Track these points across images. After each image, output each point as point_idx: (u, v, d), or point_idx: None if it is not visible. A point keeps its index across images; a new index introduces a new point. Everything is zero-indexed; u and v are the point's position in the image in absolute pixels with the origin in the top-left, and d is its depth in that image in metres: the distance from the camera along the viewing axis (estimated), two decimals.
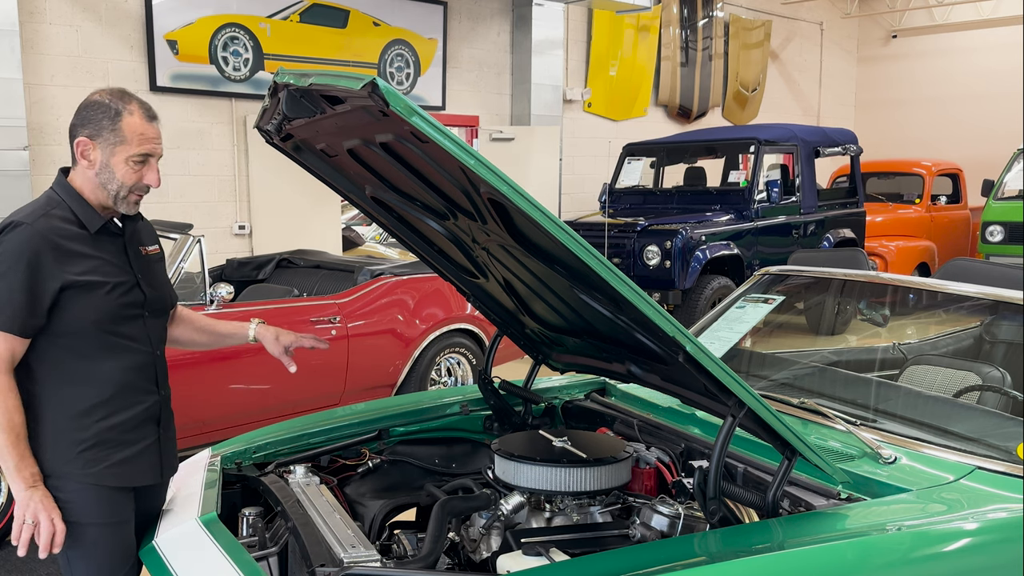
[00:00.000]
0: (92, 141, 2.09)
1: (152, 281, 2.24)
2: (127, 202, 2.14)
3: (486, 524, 2.14)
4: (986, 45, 13.76)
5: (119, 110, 2.08)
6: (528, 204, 1.65)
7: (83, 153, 2.10)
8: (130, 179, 2.11)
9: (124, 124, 2.08)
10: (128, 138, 2.08)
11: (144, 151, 2.10)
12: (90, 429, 2.08)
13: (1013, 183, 9.92)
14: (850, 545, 1.79)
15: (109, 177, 2.10)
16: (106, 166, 2.10)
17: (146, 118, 2.11)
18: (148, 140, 2.11)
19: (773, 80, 13.69)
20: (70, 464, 2.06)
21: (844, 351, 3.68)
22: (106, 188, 2.11)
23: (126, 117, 2.08)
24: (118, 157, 2.09)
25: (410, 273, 5.66)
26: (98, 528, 2.09)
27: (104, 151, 2.09)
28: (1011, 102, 13.00)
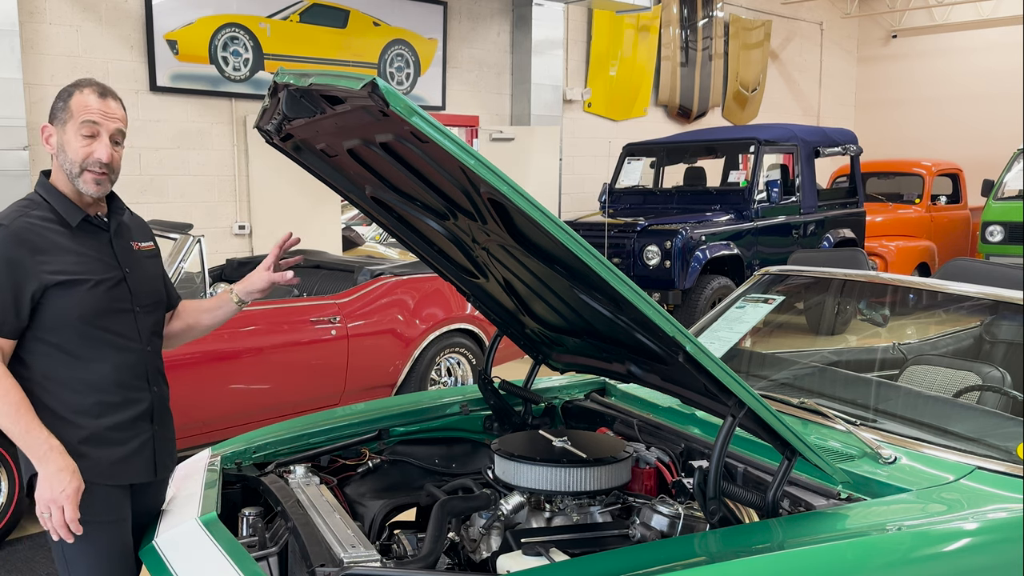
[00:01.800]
0: (51, 125, 2.15)
1: (142, 276, 2.24)
2: (84, 181, 2.14)
3: (486, 524, 2.14)
4: (986, 45, 13.76)
5: (71, 91, 2.14)
6: (528, 204, 1.65)
7: (47, 139, 2.15)
8: (79, 155, 2.12)
9: (73, 101, 2.13)
10: (75, 112, 2.12)
11: (88, 119, 2.12)
12: (83, 428, 2.08)
13: (1013, 183, 9.92)
14: (850, 545, 1.79)
15: (64, 158, 2.13)
16: (62, 148, 2.13)
17: (97, 94, 2.14)
18: (93, 111, 2.12)
19: (773, 80, 13.69)
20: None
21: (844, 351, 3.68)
22: (67, 172, 2.14)
23: (76, 95, 2.13)
24: (68, 134, 2.12)
25: (410, 273, 5.66)
26: (95, 526, 2.08)
27: (58, 132, 2.14)
28: (1011, 102, 13.00)
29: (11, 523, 4.09)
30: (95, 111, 2.13)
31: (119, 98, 2.21)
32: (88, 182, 2.14)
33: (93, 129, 2.12)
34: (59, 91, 2.18)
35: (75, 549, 2.08)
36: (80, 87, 2.15)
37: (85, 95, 2.14)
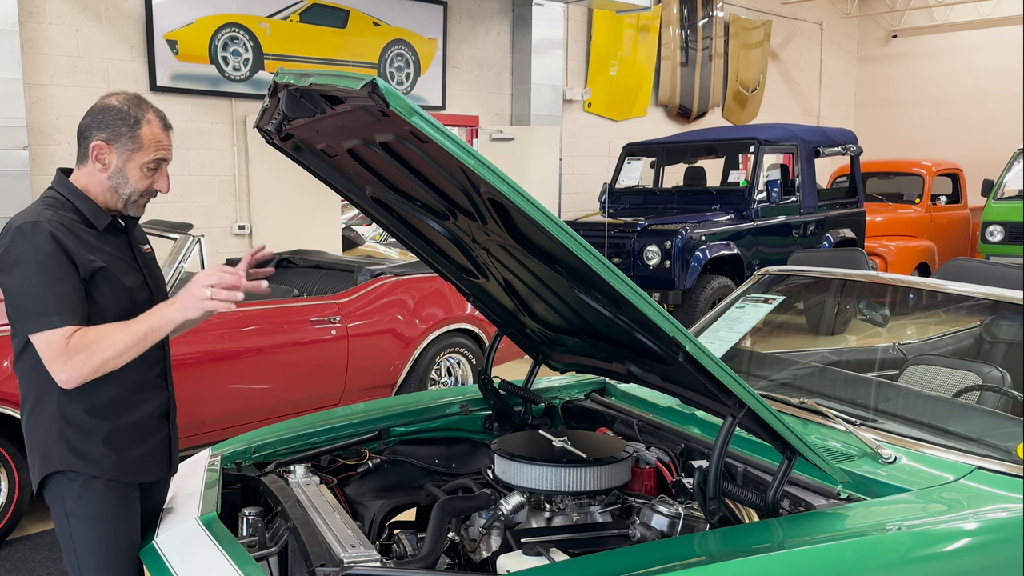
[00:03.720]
0: (109, 146, 2.11)
1: (155, 278, 2.28)
2: (136, 206, 2.19)
3: (486, 524, 2.14)
4: (986, 45, 13.76)
5: (138, 118, 2.12)
6: (528, 204, 1.65)
7: (98, 156, 2.12)
8: (142, 184, 2.15)
9: (143, 132, 2.12)
10: (145, 145, 2.12)
11: (159, 157, 2.15)
12: (106, 424, 2.10)
13: (1013, 183, 9.92)
14: (850, 545, 1.79)
15: (122, 181, 2.13)
16: (120, 171, 2.13)
17: (163, 127, 2.17)
18: (163, 147, 2.16)
19: (773, 80, 13.69)
20: (84, 459, 2.07)
21: (844, 351, 3.68)
22: (117, 192, 2.14)
23: (144, 125, 2.12)
24: (134, 163, 2.12)
25: (410, 273, 5.66)
26: (109, 523, 2.10)
27: (120, 156, 2.12)
28: (1011, 102, 13.01)
29: (11, 523, 4.09)
30: (165, 146, 2.17)
31: None
32: (140, 207, 2.20)
33: (160, 163, 2.17)
34: (113, 107, 2.12)
35: (87, 546, 2.09)
36: (145, 114, 2.14)
37: (154, 127, 2.15)
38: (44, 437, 2.09)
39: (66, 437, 2.07)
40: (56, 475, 2.10)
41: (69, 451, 2.07)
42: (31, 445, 2.14)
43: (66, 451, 2.07)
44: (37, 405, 2.10)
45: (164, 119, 2.19)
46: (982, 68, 13.77)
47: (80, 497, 2.08)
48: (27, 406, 2.13)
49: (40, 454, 2.11)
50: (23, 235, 2.00)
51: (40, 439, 2.11)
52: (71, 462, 2.08)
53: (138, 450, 2.15)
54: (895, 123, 14.72)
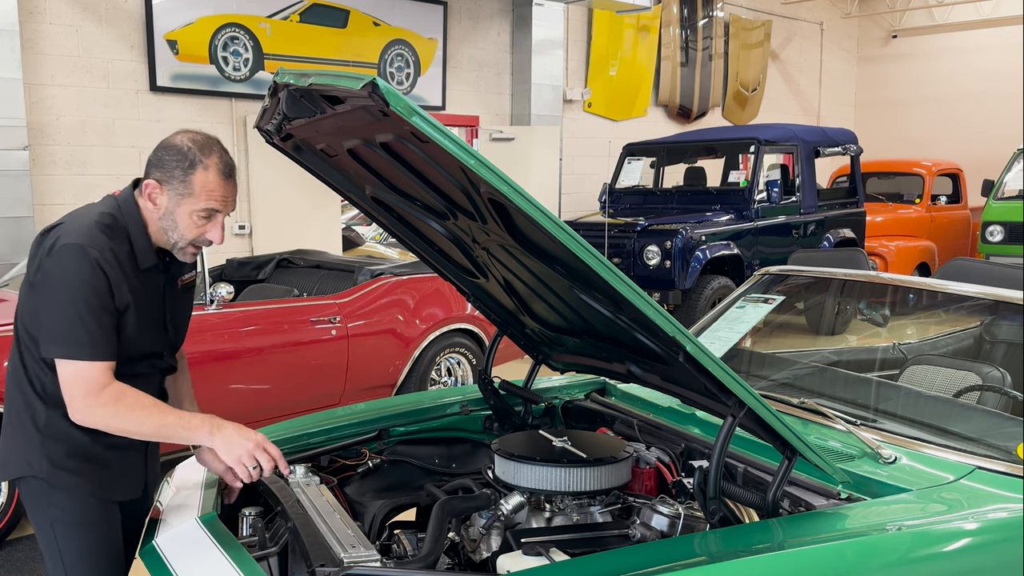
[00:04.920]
0: (161, 186, 2.02)
1: (177, 319, 2.22)
2: (184, 253, 2.10)
3: (486, 524, 2.14)
4: (986, 45, 13.77)
5: (194, 161, 2.00)
6: (528, 204, 1.65)
7: (150, 195, 2.04)
8: (191, 233, 2.05)
9: (196, 178, 2.01)
10: (196, 192, 2.01)
11: (210, 207, 2.04)
12: (83, 443, 2.05)
13: (1013, 183, 9.92)
14: (850, 545, 1.79)
15: (171, 225, 2.05)
16: (170, 214, 2.04)
17: (222, 175, 2.03)
18: (217, 197, 2.03)
19: (773, 80, 13.69)
20: (61, 472, 2.05)
21: (844, 351, 3.68)
22: (167, 234, 2.06)
23: (199, 171, 2.01)
24: (183, 209, 2.02)
25: (410, 273, 5.66)
26: (93, 531, 2.09)
27: (171, 199, 2.03)
28: (1011, 102, 13.01)
29: (11, 523, 4.09)
30: (218, 198, 2.03)
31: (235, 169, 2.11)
32: (188, 254, 2.11)
33: (212, 214, 2.05)
34: (174, 146, 2.01)
35: (72, 552, 2.07)
36: (205, 159, 2.01)
37: (211, 175, 2.01)
38: (24, 441, 2.05)
39: (43, 443, 2.04)
40: (35, 479, 2.06)
41: (46, 458, 2.04)
42: (7, 439, 2.09)
43: (42, 458, 2.04)
44: (26, 411, 2.06)
45: (227, 166, 2.04)
46: (982, 68, 13.78)
47: (60, 505, 2.05)
48: (14, 401, 2.09)
49: (21, 455, 2.06)
50: (71, 256, 1.92)
51: (20, 441, 2.06)
52: (44, 468, 2.04)
53: (108, 472, 2.10)
54: (895, 123, 14.73)
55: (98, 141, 7.33)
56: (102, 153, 7.35)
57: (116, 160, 7.40)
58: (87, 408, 1.94)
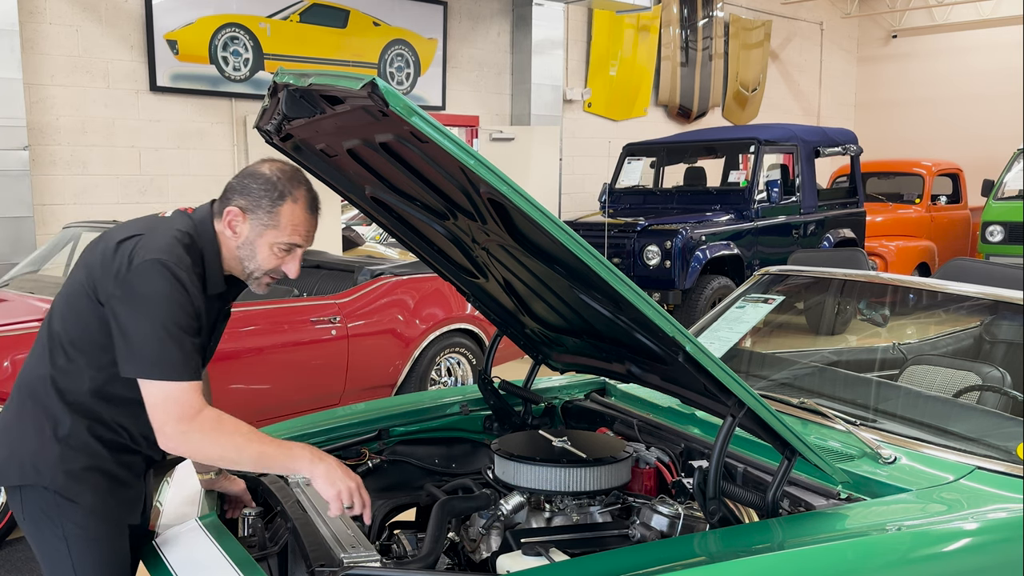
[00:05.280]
0: (244, 214, 1.97)
1: (214, 344, 2.17)
2: (259, 283, 2.05)
3: (486, 524, 2.14)
4: (986, 45, 13.77)
5: (284, 193, 1.96)
6: (528, 204, 1.65)
7: (231, 223, 1.98)
8: (269, 264, 2.01)
9: (283, 210, 1.96)
10: (282, 225, 1.97)
11: (294, 242, 1.99)
12: (104, 459, 1.98)
13: (1013, 183, 9.92)
14: (850, 545, 1.79)
15: (249, 255, 2.00)
16: (250, 243, 1.99)
17: (309, 209, 1.99)
18: (302, 232, 1.99)
19: (773, 80, 13.69)
20: (78, 486, 1.96)
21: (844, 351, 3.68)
22: (243, 263, 2.01)
23: (288, 204, 1.96)
24: (265, 240, 1.98)
25: (410, 273, 5.66)
26: (105, 544, 2.01)
27: (253, 229, 1.98)
28: (1011, 102, 13.01)
29: (11, 523, 4.09)
30: (303, 233, 1.99)
31: None
32: (261, 285, 2.06)
33: (293, 248, 2.01)
34: (262, 175, 1.97)
35: (86, 565, 1.99)
36: (294, 191, 1.97)
37: (299, 209, 1.97)
38: (35, 448, 1.95)
39: (67, 461, 1.94)
40: (43, 490, 1.95)
41: (66, 477, 1.94)
42: (6, 443, 1.99)
43: (60, 475, 1.94)
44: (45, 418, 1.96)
45: (314, 201, 2.00)
46: (982, 68, 13.78)
47: (79, 519, 1.96)
48: (24, 406, 2.00)
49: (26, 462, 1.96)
50: (159, 273, 1.85)
51: (28, 447, 1.96)
52: (65, 486, 1.94)
53: (130, 490, 2.05)
54: (895, 123, 14.73)
55: (98, 141, 7.33)
56: (102, 153, 7.35)
57: (116, 160, 7.40)
58: (181, 433, 1.85)
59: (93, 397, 1.96)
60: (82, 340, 1.95)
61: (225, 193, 2.02)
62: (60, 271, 5.13)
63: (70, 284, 2.01)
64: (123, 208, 7.30)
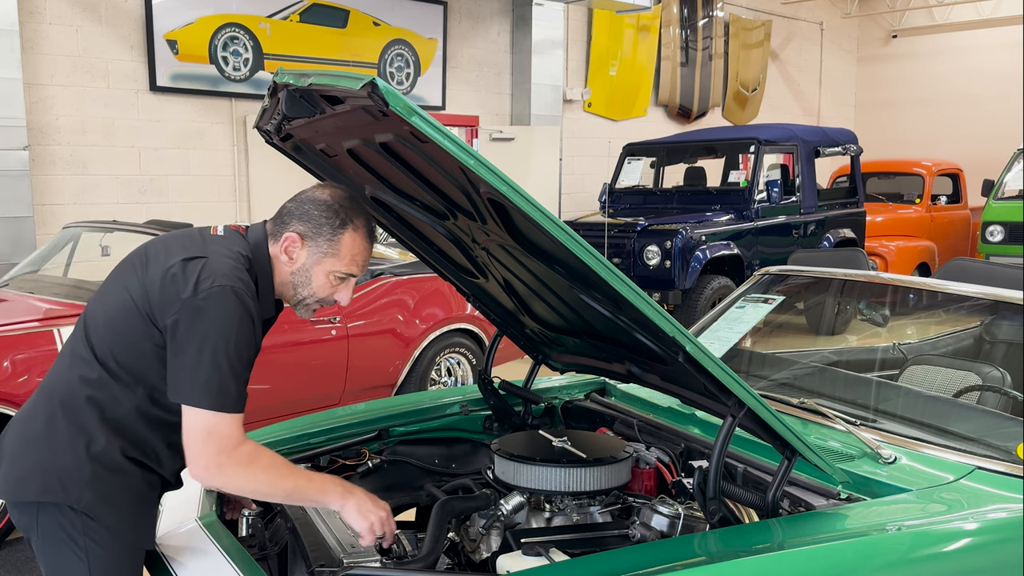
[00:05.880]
0: (303, 241, 1.94)
1: None
2: (308, 310, 2.02)
3: (486, 524, 2.14)
4: (986, 45, 13.77)
5: (345, 221, 1.93)
6: (528, 204, 1.65)
7: (287, 249, 1.95)
8: (324, 292, 1.98)
9: (344, 239, 1.93)
10: (341, 253, 1.94)
11: (351, 272, 1.97)
12: (135, 480, 1.92)
13: (1013, 183, 9.92)
14: (850, 545, 1.79)
15: (304, 281, 1.96)
16: (306, 270, 1.96)
17: (368, 238, 1.97)
18: (359, 262, 1.97)
19: (773, 80, 13.69)
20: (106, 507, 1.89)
21: (844, 351, 3.68)
22: (296, 289, 1.98)
23: (349, 231, 1.93)
24: (322, 267, 1.95)
25: (410, 273, 5.66)
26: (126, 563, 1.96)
27: (311, 256, 1.95)
28: (1011, 102, 13.01)
29: (11, 523, 4.09)
30: (360, 263, 1.97)
31: None
32: (310, 312, 2.03)
33: (349, 277, 1.99)
34: (323, 202, 1.93)
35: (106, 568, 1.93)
36: (356, 221, 1.94)
37: (360, 238, 1.95)
38: (65, 464, 1.86)
39: (98, 480, 1.87)
40: (66, 508, 1.87)
41: (95, 496, 1.86)
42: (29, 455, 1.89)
43: (89, 493, 1.85)
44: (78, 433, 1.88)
45: (372, 231, 1.98)
46: (982, 68, 13.78)
47: (105, 542, 1.89)
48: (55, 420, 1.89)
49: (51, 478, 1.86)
50: (231, 301, 1.80)
51: (54, 462, 1.87)
52: (92, 505, 1.86)
53: (151, 513, 2.01)
54: (895, 123, 14.73)
55: (98, 141, 7.33)
56: (102, 153, 7.34)
57: (116, 160, 7.40)
58: (218, 466, 1.78)
59: (133, 416, 1.90)
60: (131, 359, 1.88)
61: (281, 216, 1.98)
62: (60, 271, 5.13)
63: (115, 297, 1.93)
64: (123, 208, 7.30)
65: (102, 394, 1.89)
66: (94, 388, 1.89)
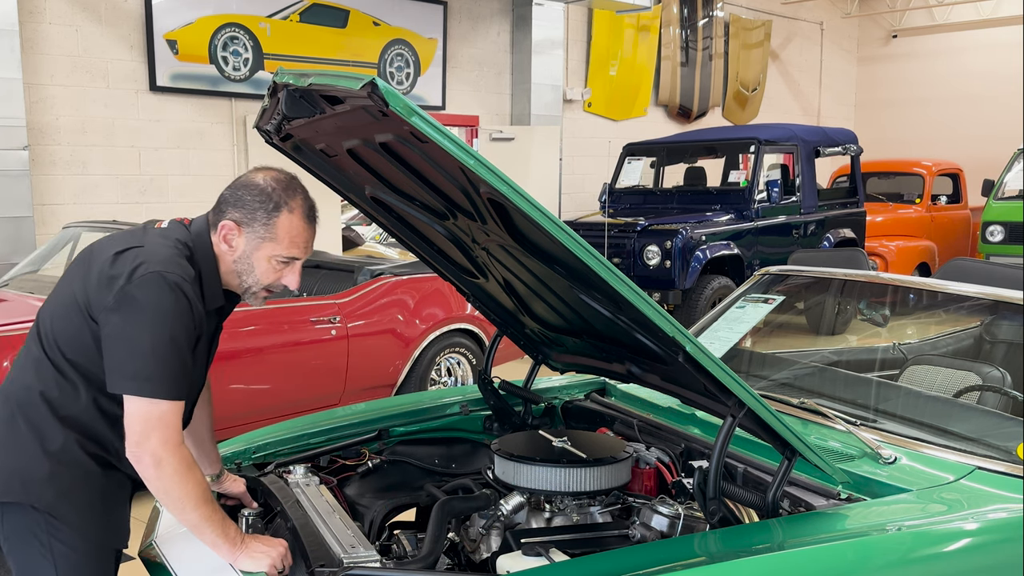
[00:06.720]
0: (240, 228, 1.91)
1: (211, 359, 2.12)
2: (256, 297, 1.99)
3: (486, 524, 2.14)
4: (986, 45, 13.76)
5: (279, 204, 1.90)
6: (528, 204, 1.65)
7: (226, 237, 1.92)
8: (269, 278, 1.95)
9: (280, 221, 1.90)
10: (279, 237, 1.91)
11: (292, 255, 1.94)
12: (96, 476, 1.92)
13: (1013, 183, 9.92)
14: (850, 545, 1.79)
15: (247, 268, 1.94)
16: (247, 257, 1.93)
17: (306, 219, 1.93)
18: (300, 243, 1.94)
19: (773, 80, 13.69)
20: (68, 505, 1.89)
21: (844, 351, 3.68)
22: (240, 278, 1.95)
23: (284, 214, 1.90)
24: (262, 253, 1.92)
25: (410, 273, 5.65)
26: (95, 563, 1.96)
27: (249, 242, 1.92)
28: (1011, 102, 13.00)
29: None
30: (301, 244, 1.93)
31: None
32: (259, 300, 2.00)
33: (292, 260, 1.95)
34: (256, 185, 1.90)
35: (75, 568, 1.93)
36: (290, 200, 1.90)
37: (296, 219, 1.91)
38: (25, 463, 1.87)
39: (57, 477, 1.87)
40: (30, 509, 1.87)
41: (56, 494, 1.86)
42: None
43: (51, 492, 1.86)
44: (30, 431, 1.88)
45: (311, 211, 1.94)
46: (982, 68, 13.78)
47: (71, 541, 1.90)
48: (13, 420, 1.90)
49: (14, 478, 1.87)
50: (161, 286, 1.79)
51: (15, 462, 1.87)
52: (54, 504, 1.86)
53: (120, 511, 2.00)
54: (895, 123, 14.72)
55: (98, 141, 7.32)
56: (102, 153, 7.34)
57: (116, 160, 7.40)
58: (156, 461, 1.76)
59: (87, 412, 1.90)
60: (78, 356, 1.89)
61: (219, 205, 1.96)
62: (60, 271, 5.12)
63: (60, 296, 1.94)
64: (123, 208, 7.30)
65: (55, 392, 1.89)
66: (47, 387, 1.90)
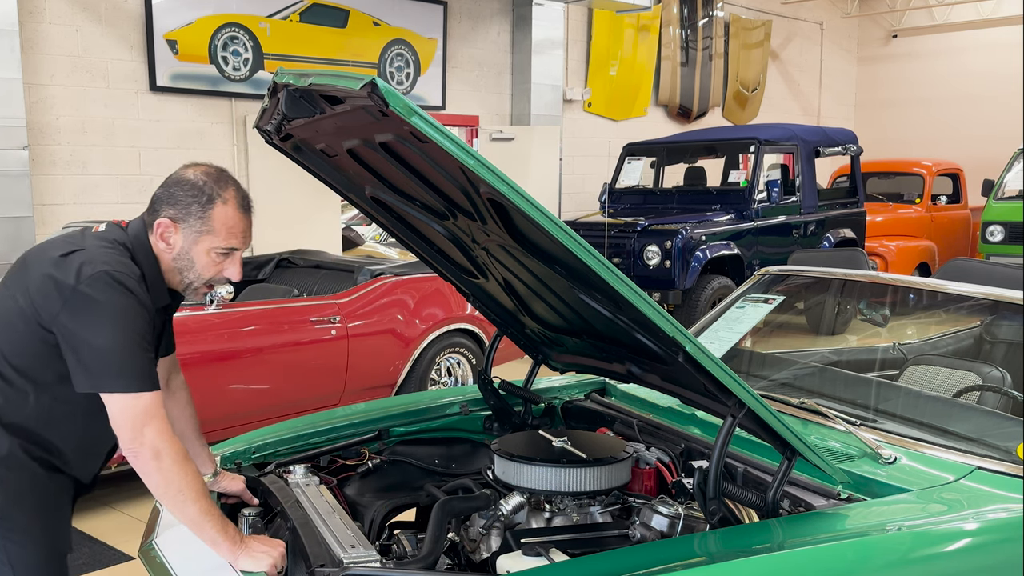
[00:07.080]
0: (175, 224, 1.92)
1: (158, 355, 2.10)
2: (197, 293, 2.00)
3: (486, 524, 2.14)
4: (986, 45, 13.76)
5: (212, 196, 1.91)
6: (528, 204, 1.65)
7: (163, 235, 1.93)
8: (209, 271, 1.96)
9: (215, 213, 1.91)
10: (216, 229, 1.92)
11: (231, 245, 1.95)
12: (43, 481, 1.93)
13: (1013, 183, 9.92)
14: (850, 545, 1.79)
15: (187, 265, 1.95)
16: (186, 253, 1.94)
17: (240, 209, 1.94)
18: (237, 233, 1.94)
19: (773, 80, 13.69)
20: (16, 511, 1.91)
21: (844, 351, 3.68)
22: (181, 274, 1.96)
23: (218, 205, 1.91)
24: (201, 247, 1.93)
25: (410, 273, 5.65)
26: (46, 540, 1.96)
27: (187, 238, 1.93)
28: (1011, 102, 13.00)
29: None
30: (238, 234, 1.94)
31: None
32: (200, 294, 2.02)
33: (231, 251, 1.96)
34: (187, 181, 1.92)
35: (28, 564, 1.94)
36: (222, 192, 1.91)
37: (230, 209, 1.91)
38: None
39: (3, 483, 1.88)
40: None
41: (4, 499, 1.88)
42: None
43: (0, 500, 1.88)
44: None
45: (244, 200, 1.95)
46: (982, 68, 13.78)
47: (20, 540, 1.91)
48: None
49: None
50: (110, 284, 1.80)
51: None
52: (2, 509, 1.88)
53: (64, 516, 2.00)
54: (895, 123, 14.72)
55: (98, 141, 7.32)
56: (102, 153, 7.34)
57: (116, 160, 7.40)
58: (155, 453, 1.78)
59: (34, 418, 1.90)
60: (25, 363, 1.88)
61: (152, 205, 1.96)
62: None
63: (3, 306, 1.91)
64: (123, 208, 7.29)
65: (0, 400, 1.89)
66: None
